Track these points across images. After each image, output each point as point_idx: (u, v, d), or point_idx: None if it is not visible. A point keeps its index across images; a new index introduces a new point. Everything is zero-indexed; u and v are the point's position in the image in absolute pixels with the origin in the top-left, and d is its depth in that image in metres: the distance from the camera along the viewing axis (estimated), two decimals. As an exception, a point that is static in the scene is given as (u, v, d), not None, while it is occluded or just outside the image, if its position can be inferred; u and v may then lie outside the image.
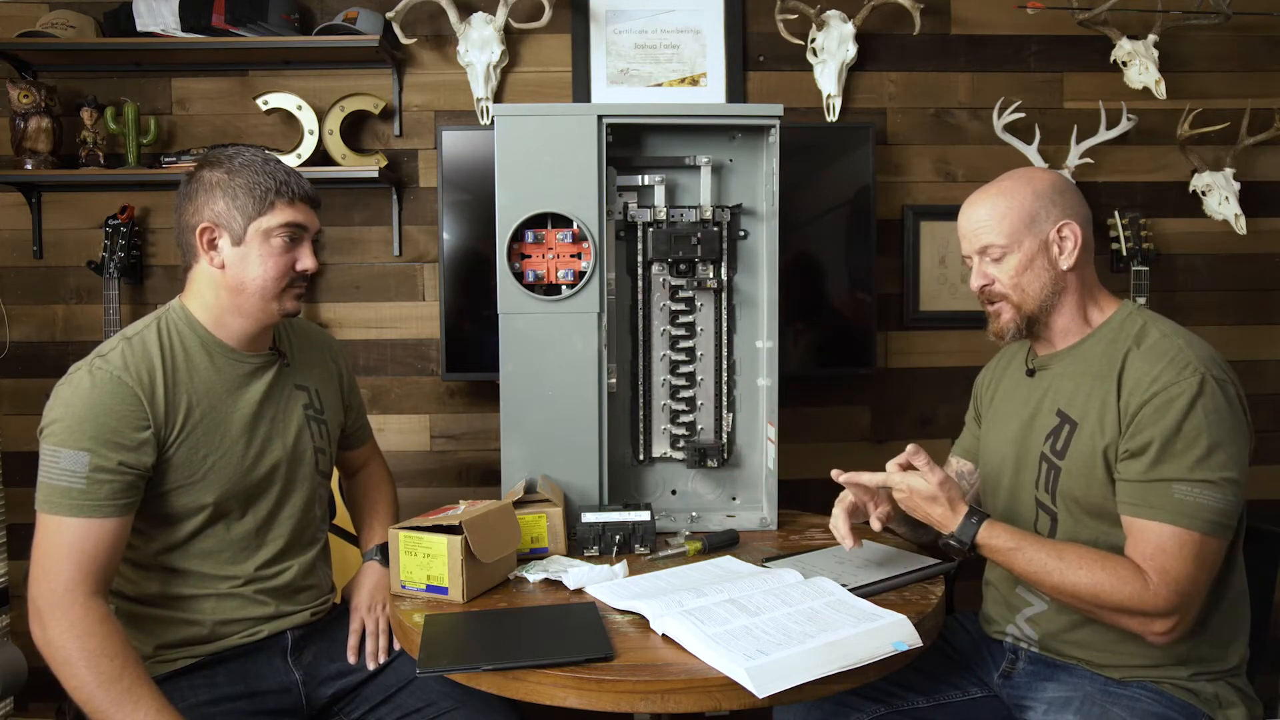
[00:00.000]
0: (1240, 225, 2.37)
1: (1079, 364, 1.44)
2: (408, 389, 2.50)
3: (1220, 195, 2.39)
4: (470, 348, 2.32)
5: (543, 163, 1.77)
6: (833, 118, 2.46)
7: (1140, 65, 2.36)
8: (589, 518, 1.68)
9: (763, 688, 1.12)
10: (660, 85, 2.47)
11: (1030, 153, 2.43)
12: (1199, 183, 2.43)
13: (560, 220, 1.79)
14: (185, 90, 2.44)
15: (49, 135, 2.30)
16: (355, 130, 2.45)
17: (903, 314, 2.54)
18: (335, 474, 1.72)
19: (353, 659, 1.54)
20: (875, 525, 1.47)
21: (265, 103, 2.32)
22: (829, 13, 2.40)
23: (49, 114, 2.30)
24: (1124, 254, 2.35)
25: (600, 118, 1.77)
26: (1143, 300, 2.31)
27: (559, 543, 1.65)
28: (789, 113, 2.10)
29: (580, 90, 2.45)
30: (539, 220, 1.79)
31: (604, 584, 1.47)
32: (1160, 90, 2.34)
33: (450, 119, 2.46)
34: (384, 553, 1.62)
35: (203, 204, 1.42)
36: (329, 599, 1.62)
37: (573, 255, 1.80)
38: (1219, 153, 2.45)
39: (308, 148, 2.32)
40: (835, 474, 1.44)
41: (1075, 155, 2.43)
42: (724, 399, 1.91)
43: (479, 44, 2.35)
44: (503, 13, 2.34)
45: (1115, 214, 2.39)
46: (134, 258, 2.35)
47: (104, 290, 2.28)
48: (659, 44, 2.46)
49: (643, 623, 1.32)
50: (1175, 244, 2.56)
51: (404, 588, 1.47)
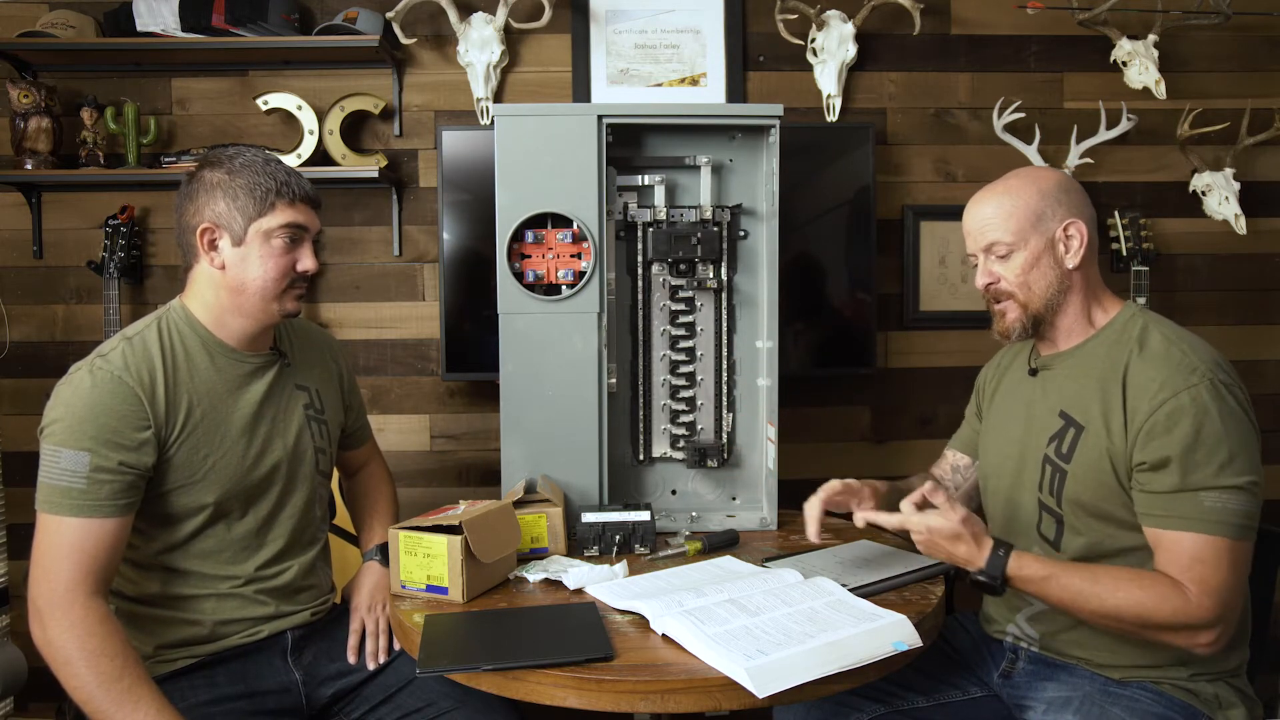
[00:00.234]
0: (1240, 225, 2.37)
1: (1082, 365, 1.43)
2: (408, 389, 2.50)
3: (1220, 195, 2.39)
4: (470, 348, 2.33)
5: (543, 163, 1.77)
6: (833, 118, 2.46)
7: (1140, 65, 2.36)
8: (589, 518, 1.68)
9: (763, 688, 1.12)
10: (660, 85, 2.47)
11: (1030, 153, 2.43)
12: (1199, 183, 2.43)
13: (560, 220, 1.79)
14: (185, 90, 2.44)
15: (49, 135, 2.30)
16: (355, 130, 2.45)
17: (903, 314, 2.54)
18: (335, 474, 1.72)
19: (353, 659, 1.54)
20: (859, 522, 1.44)
21: (265, 103, 2.32)
22: (829, 13, 2.40)
23: (49, 114, 2.30)
24: (1124, 254, 2.35)
25: (600, 118, 1.77)
26: (1143, 300, 2.31)
27: (559, 543, 1.65)
28: (789, 113, 2.11)
29: (580, 90, 2.45)
30: (539, 220, 1.79)
31: (604, 584, 1.47)
32: (1160, 90, 2.34)
33: (450, 119, 2.46)
34: (384, 553, 1.62)
35: (203, 204, 1.42)
36: (329, 599, 1.62)
37: (573, 255, 1.80)
38: (1219, 153, 2.45)
39: (308, 148, 2.32)
40: (858, 518, 1.40)
41: (1075, 155, 2.43)
42: (724, 399, 1.91)
43: (479, 44, 2.35)
44: (503, 13, 2.34)
45: (1115, 214, 2.39)
46: (134, 258, 2.35)
47: (104, 290, 2.28)
48: (659, 44, 2.46)
49: (643, 623, 1.32)
50: (1175, 244, 2.56)
51: (404, 588, 1.47)
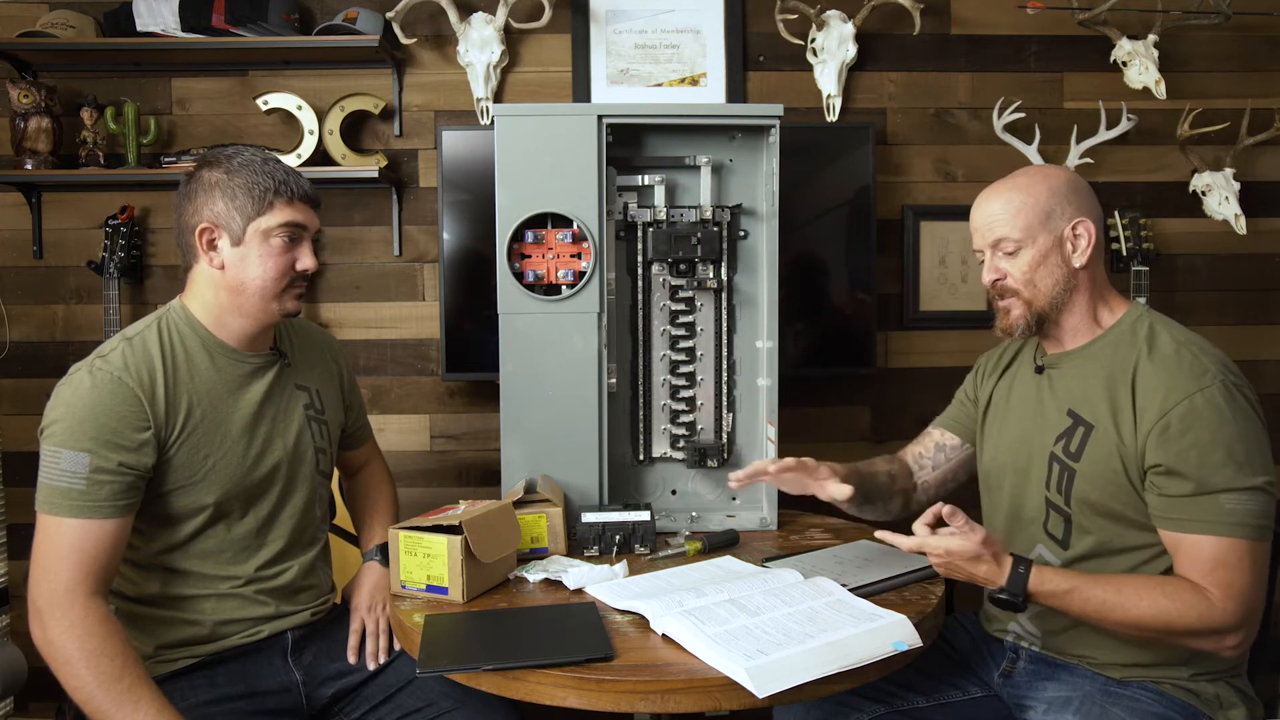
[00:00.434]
0: (1240, 225, 2.37)
1: (1090, 365, 1.43)
2: (408, 389, 2.50)
3: (1220, 195, 2.39)
4: (470, 348, 2.32)
5: (543, 163, 1.77)
6: (833, 118, 2.46)
7: (1140, 65, 2.36)
8: (589, 518, 1.68)
9: (763, 688, 1.12)
10: (660, 85, 2.47)
11: (1030, 153, 2.43)
12: (1199, 183, 2.43)
13: (560, 220, 1.79)
14: (185, 90, 2.44)
15: (49, 135, 2.30)
16: (355, 130, 2.45)
17: (903, 314, 2.54)
18: (335, 474, 1.72)
19: (353, 659, 1.54)
20: (824, 496, 1.45)
21: (265, 103, 2.32)
22: (829, 13, 2.40)
23: (49, 114, 2.30)
24: (1124, 254, 2.35)
25: (600, 118, 1.77)
26: (1143, 300, 2.31)
27: (559, 543, 1.65)
28: (789, 113, 2.11)
29: (580, 90, 2.45)
30: (539, 220, 1.79)
31: (604, 584, 1.47)
32: (1160, 90, 2.34)
33: (450, 119, 2.46)
34: (384, 553, 1.62)
35: (202, 204, 1.42)
36: (329, 599, 1.62)
37: (573, 255, 1.80)
38: (1219, 153, 2.45)
39: (308, 148, 2.32)
40: (880, 533, 1.38)
41: (1075, 155, 2.43)
42: (724, 399, 1.91)
43: (479, 44, 2.35)
44: (503, 13, 2.34)
45: (1115, 214, 2.39)
46: (134, 258, 2.35)
47: (104, 290, 2.28)
48: (659, 44, 2.46)
49: (643, 623, 1.32)
50: (1175, 244, 2.56)
51: (404, 588, 1.47)
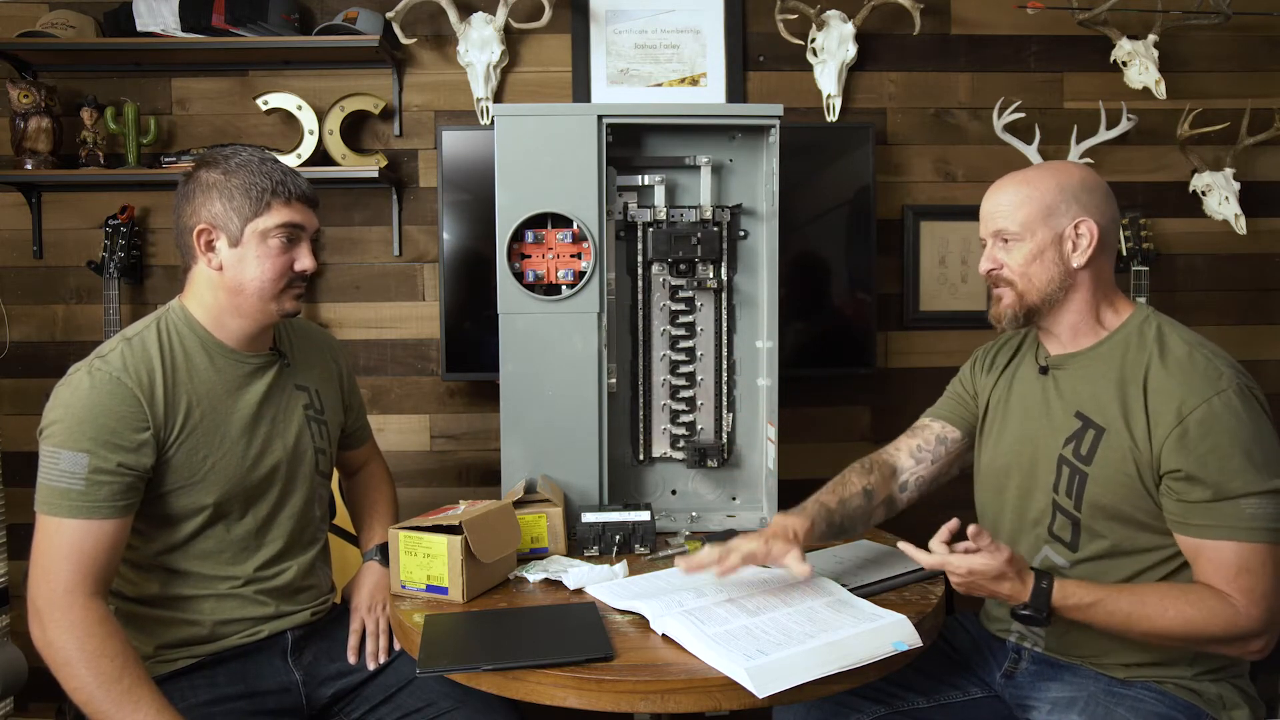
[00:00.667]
0: (1240, 225, 2.37)
1: (1097, 366, 1.41)
2: (408, 389, 2.50)
3: (1220, 195, 2.39)
4: (470, 348, 2.32)
5: (543, 163, 1.77)
6: (833, 118, 2.46)
7: (1140, 65, 2.36)
8: (589, 518, 1.68)
9: (762, 688, 1.12)
10: (660, 85, 2.47)
11: (1030, 153, 2.43)
12: (1199, 183, 2.43)
13: (560, 220, 1.79)
14: (185, 90, 2.44)
15: (49, 135, 2.30)
16: (355, 130, 2.45)
17: (903, 314, 2.54)
18: (335, 474, 1.72)
19: (353, 659, 1.54)
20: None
21: (265, 103, 2.32)
22: (829, 13, 2.40)
23: (49, 114, 2.31)
24: (1124, 254, 2.35)
25: (600, 118, 1.77)
26: (1143, 300, 2.31)
27: (559, 543, 1.65)
28: (789, 113, 2.11)
29: (580, 90, 2.45)
30: (539, 220, 1.79)
31: (604, 584, 1.47)
32: (1160, 90, 2.34)
33: (450, 119, 2.46)
34: (384, 553, 1.62)
35: (199, 205, 1.41)
36: (329, 599, 1.62)
37: (573, 255, 1.80)
38: (1219, 153, 2.45)
39: (308, 148, 2.32)
40: (901, 545, 1.37)
41: (1075, 155, 2.43)
42: (724, 399, 1.91)
43: (479, 44, 2.35)
44: (503, 13, 2.34)
45: (1115, 214, 2.39)
46: (134, 258, 2.35)
47: (104, 290, 2.28)
48: (659, 44, 2.46)
49: (643, 623, 1.32)
50: (1175, 244, 2.56)
51: (404, 588, 1.47)
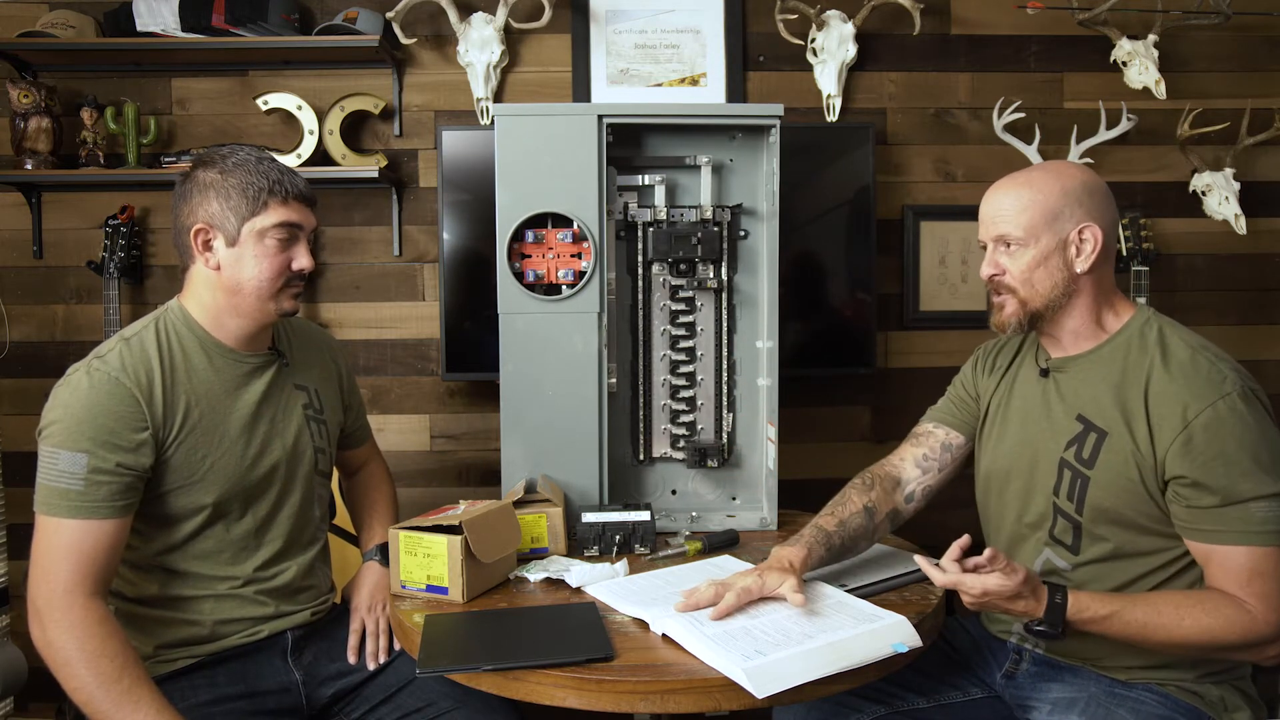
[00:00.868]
0: (1240, 225, 2.37)
1: (1098, 370, 1.40)
2: (408, 389, 2.50)
3: (1220, 195, 2.39)
4: (470, 348, 2.32)
5: (543, 163, 1.77)
6: (833, 118, 2.46)
7: (1140, 65, 2.36)
8: (589, 518, 1.68)
9: (761, 688, 1.12)
10: (660, 85, 2.47)
11: (1030, 153, 2.43)
12: (1199, 183, 2.43)
13: (560, 220, 1.79)
14: (185, 90, 2.44)
15: (49, 135, 2.30)
16: (355, 130, 2.45)
17: (903, 314, 2.54)
18: (336, 474, 1.72)
19: (353, 659, 1.54)
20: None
21: (265, 103, 2.32)
22: (829, 13, 2.40)
23: (49, 114, 2.30)
24: (1124, 254, 2.35)
25: (600, 118, 1.77)
26: (1143, 300, 2.31)
27: (559, 543, 1.65)
28: (789, 113, 2.10)
29: (580, 90, 2.45)
30: (539, 220, 1.79)
31: (604, 584, 1.47)
32: (1160, 90, 2.34)
33: (450, 119, 2.46)
34: (384, 553, 1.62)
35: (197, 205, 1.41)
36: (329, 599, 1.62)
37: (573, 255, 1.80)
38: (1219, 153, 2.45)
39: (308, 148, 2.32)
40: (918, 558, 1.35)
41: (1075, 155, 2.43)
42: (724, 399, 1.91)
43: (479, 44, 2.35)
44: (503, 13, 2.34)
45: (1115, 214, 2.39)
46: (134, 258, 2.35)
47: (104, 290, 2.28)
48: (659, 44, 2.46)
49: (643, 623, 1.32)
50: (1175, 244, 2.56)
51: (404, 588, 1.47)
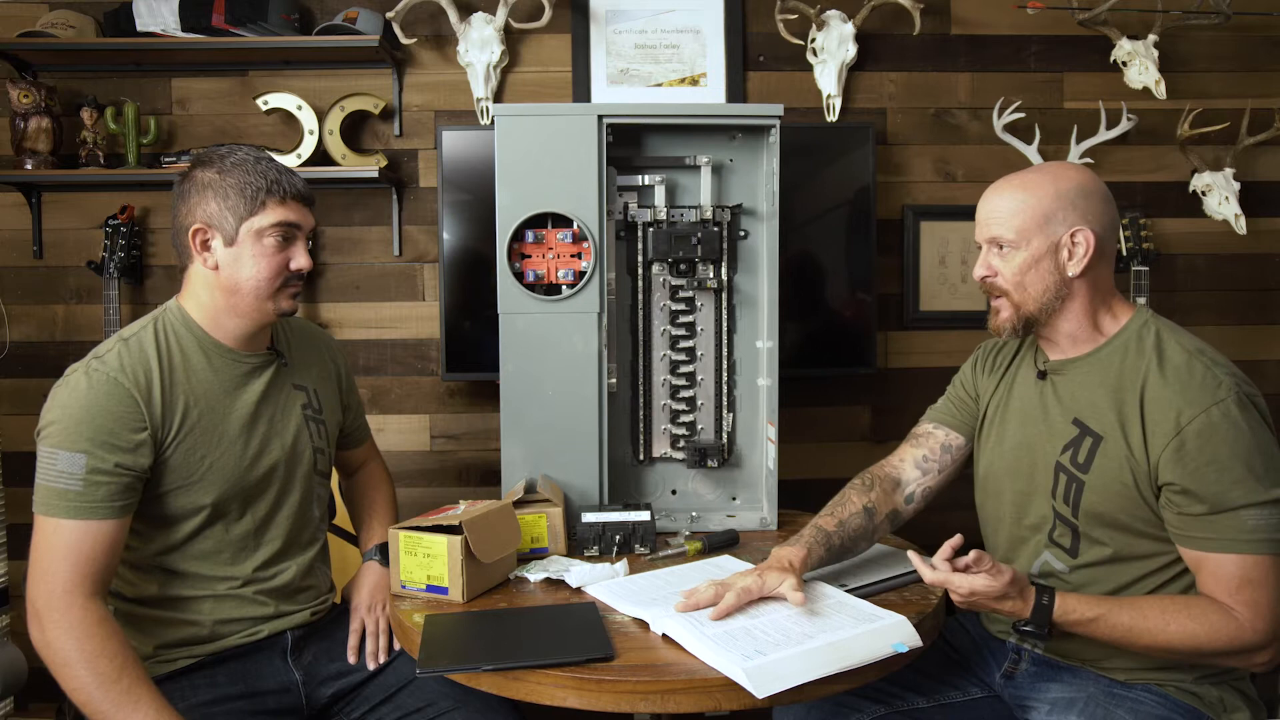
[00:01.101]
0: (1240, 225, 2.37)
1: (1095, 373, 1.40)
2: (408, 389, 2.50)
3: (1220, 195, 2.39)
4: (470, 348, 2.32)
5: (543, 163, 1.77)
6: (833, 118, 2.46)
7: (1140, 65, 2.36)
8: (589, 518, 1.68)
9: (761, 688, 1.12)
10: (660, 85, 2.46)
11: (1030, 153, 2.43)
12: (1199, 183, 2.43)
13: (560, 220, 1.78)
14: (185, 90, 2.44)
15: (49, 135, 2.30)
16: (355, 130, 2.45)
17: (903, 314, 2.54)
18: (335, 474, 1.72)
19: (353, 659, 1.54)
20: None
21: (265, 103, 2.32)
22: (829, 13, 2.40)
23: (49, 114, 2.30)
24: (1124, 254, 2.35)
25: (600, 118, 1.77)
26: (1143, 300, 2.31)
27: (559, 543, 1.65)
28: (789, 113, 2.10)
29: (580, 90, 2.45)
30: (539, 220, 1.79)
31: (604, 584, 1.47)
32: (1160, 90, 2.34)
33: (450, 119, 2.46)
34: (383, 553, 1.62)
35: (195, 204, 1.41)
36: (329, 599, 1.62)
37: (573, 255, 1.79)
38: (1219, 153, 2.45)
39: (308, 148, 2.32)
40: (911, 554, 1.36)
41: (1075, 155, 2.43)
42: (724, 399, 1.91)
43: (479, 44, 2.35)
44: (503, 13, 2.34)
45: (1115, 214, 2.38)
46: (134, 258, 2.35)
47: (104, 290, 2.28)
48: (659, 44, 2.46)
49: (643, 623, 1.32)
50: (1175, 244, 2.56)
51: (404, 588, 1.47)
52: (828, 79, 2.44)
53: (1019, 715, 1.48)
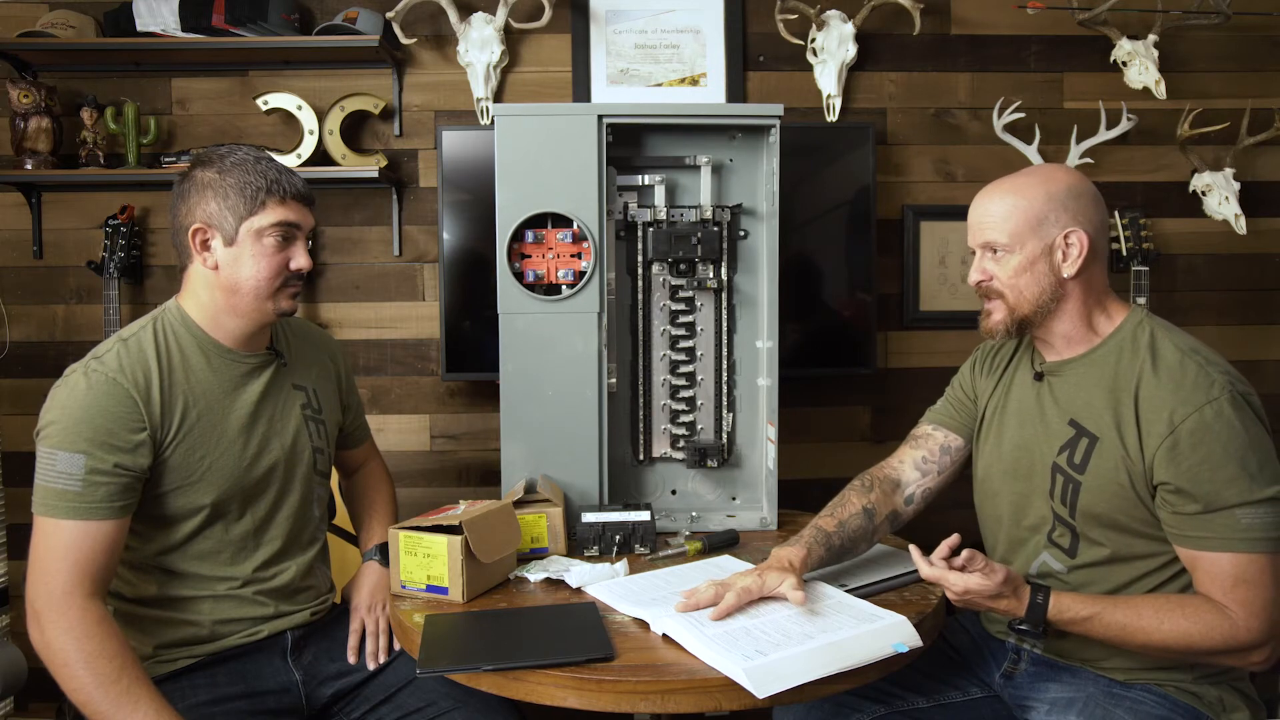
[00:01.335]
0: (1240, 225, 2.37)
1: (1090, 374, 1.40)
2: (408, 389, 2.50)
3: (1220, 195, 2.39)
4: (470, 348, 2.32)
5: (543, 163, 1.77)
6: (833, 118, 2.46)
7: (1140, 65, 2.36)
8: (589, 518, 1.68)
9: (761, 688, 1.12)
10: (660, 85, 2.46)
11: (1030, 153, 2.43)
12: (1199, 183, 2.43)
13: (560, 220, 1.78)
14: (185, 90, 2.44)
15: (49, 135, 2.30)
16: (355, 130, 2.45)
17: (903, 314, 2.54)
18: (335, 474, 1.72)
19: (353, 659, 1.54)
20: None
21: (265, 103, 2.32)
22: (829, 13, 2.40)
23: (49, 114, 2.30)
24: (1124, 254, 2.35)
25: (600, 117, 1.77)
26: (1143, 300, 2.31)
27: (559, 543, 1.65)
28: (789, 113, 2.10)
29: (580, 90, 2.45)
30: (539, 220, 1.79)
31: (604, 584, 1.47)
32: (1160, 90, 2.34)
33: (450, 119, 2.46)
34: (384, 553, 1.62)
35: (195, 204, 1.41)
36: (329, 599, 1.62)
37: (573, 255, 1.79)
38: (1219, 153, 2.45)
39: (308, 148, 2.32)
40: (912, 548, 1.37)
41: (1075, 155, 2.43)
42: (724, 399, 1.91)
43: (479, 44, 2.35)
44: (503, 13, 2.34)
45: (1115, 214, 2.38)
46: (134, 258, 2.35)
47: (104, 290, 2.28)
48: (659, 44, 2.46)
49: (643, 623, 1.32)
50: (1175, 244, 2.56)
51: (404, 588, 1.47)
52: (828, 79, 2.44)
53: (1019, 715, 1.48)
